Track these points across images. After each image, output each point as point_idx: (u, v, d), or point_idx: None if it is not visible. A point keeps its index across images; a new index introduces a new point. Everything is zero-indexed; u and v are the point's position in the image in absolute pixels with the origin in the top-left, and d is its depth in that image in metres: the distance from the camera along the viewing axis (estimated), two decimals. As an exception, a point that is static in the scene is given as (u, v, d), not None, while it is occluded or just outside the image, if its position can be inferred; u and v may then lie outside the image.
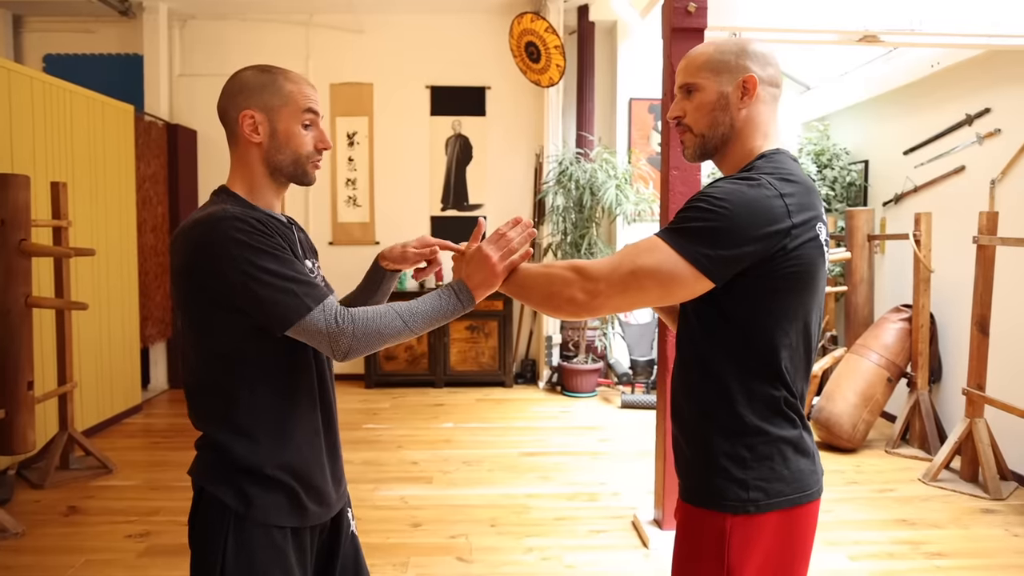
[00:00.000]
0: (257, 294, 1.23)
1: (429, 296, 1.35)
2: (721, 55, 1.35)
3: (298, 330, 1.26)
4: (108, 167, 4.89)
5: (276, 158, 1.36)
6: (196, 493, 1.35)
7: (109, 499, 3.67)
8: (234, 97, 1.35)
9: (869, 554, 3.11)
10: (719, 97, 1.34)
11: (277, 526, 1.33)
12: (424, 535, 3.29)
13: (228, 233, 1.23)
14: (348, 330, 1.26)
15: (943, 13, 3.29)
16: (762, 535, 1.27)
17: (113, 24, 6.28)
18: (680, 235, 1.22)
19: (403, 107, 6.50)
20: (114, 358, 4.95)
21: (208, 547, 1.30)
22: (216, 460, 1.32)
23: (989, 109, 4.25)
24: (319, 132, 1.39)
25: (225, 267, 1.23)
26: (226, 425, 1.31)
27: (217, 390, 1.32)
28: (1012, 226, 3.95)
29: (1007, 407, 3.65)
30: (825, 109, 6.03)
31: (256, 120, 1.33)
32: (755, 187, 1.23)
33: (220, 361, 1.31)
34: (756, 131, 1.36)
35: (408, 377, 6.23)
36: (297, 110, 1.35)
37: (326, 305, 1.27)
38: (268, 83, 1.34)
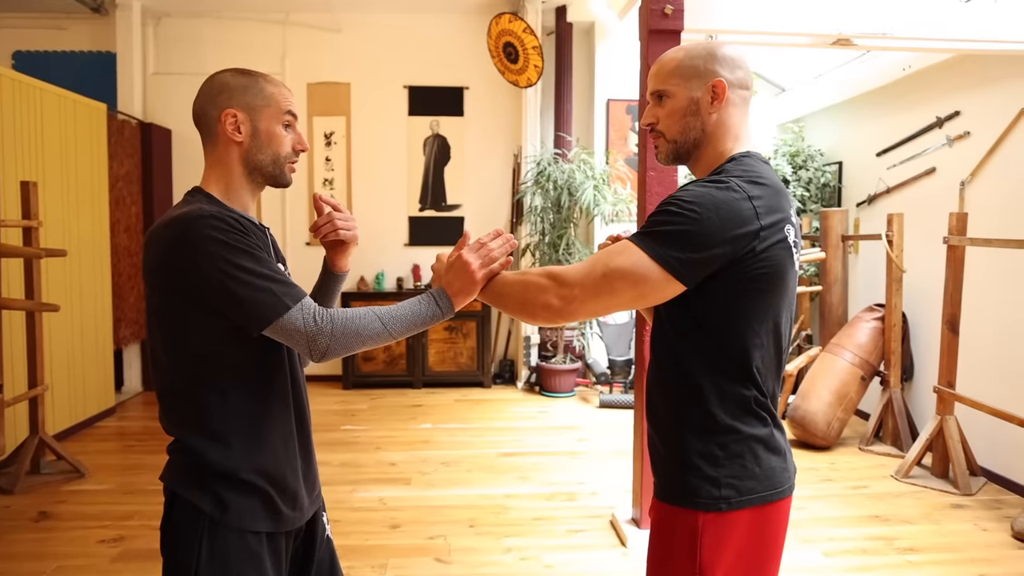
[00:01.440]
0: (235, 293, 1.23)
1: (409, 301, 1.36)
2: (690, 60, 1.37)
3: (276, 329, 1.25)
4: (80, 166, 4.81)
5: (256, 158, 1.37)
6: (168, 498, 1.33)
7: (81, 504, 3.62)
8: (215, 97, 1.35)
9: (843, 550, 3.16)
10: (689, 103, 1.37)
11: (252, 531, 1.32)
12: (402, 536, 3.28)
13: (205, 232, 1.23)
14: (327, 329, 1.26)
15: (914, 18, 3.35)
16: (734, 532, 1.29)
17: (85, 21, 6.18)
18: (651, 239, 1.25)
19: (381, 107, 6.47)
20: (86, 360, 4.87)
21: (181, 553, 1.29)
22: (189, 464, 1.31)
23: (958, 112, 4.33)
24: (297, 134, 1.41)
25: (202, 266, 1.22)
26: (199, 429, 1.30)
27: (189, 393, 1.30)
28: (981, 227, 4.03)
29: (976, 404, 3.73)
30: (800, 111, 6.10)
31: (239, 119, 1.34)
32: (724, 190, 1.25)
33: (193, 363, 1.30)
34: (727, 134, 1.38)
35: (386, 378, 6.20)
36: (279, 111, 1.37)
37: (304, 304, 1.27)
38: (250, 84, 1.37)
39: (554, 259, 5.80)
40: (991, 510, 3.58)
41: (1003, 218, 3.94)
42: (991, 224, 4.01)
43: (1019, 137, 3.87)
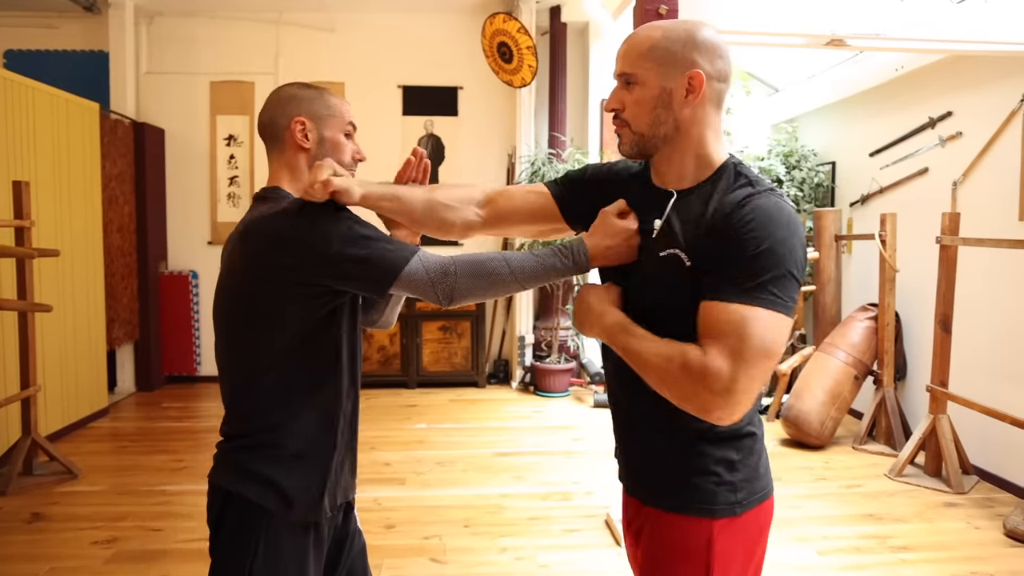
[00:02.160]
0: (358, 259, 1.29)
1: (542, 252, 1.35)
2: (667, 43, 1.22)
3: (402, 282, 1.30)
4: (72, 166, 4.79)
5: None
6: (221, 496, 1.36)
7: (74, 505, 3.60)
8: (284, 106, 1.45)
9: (837, 549, 3.17)
10: (661, 93, 1.23)
11: (305, 524, 1.38)
12: (397, 536, 3.28)
13: (319, 215, 1.31)
14: (451, 269, 1.31)
15: (907, 19, 3.37)
16: (746, 532, 1.29)
17: (77, 20, 6.15)
18: (778, 295, 1.14)
19: (375, 107, 6.46)
20: (79, 361, 4.85)
21: (237, 551, 1.33)
22: (247, 459, 1.35)
23: (951, 112, 4.35)
24: (356, 145, 1.53)
25: (325, 244, 1.29)
26: (261, 423, 1.35)
27: (257, 387, 1.35)
28: (973, 227, 4.05)
29: (969, 403, 3.75)
30: (793, 111, 6.12)
31: (307, 127, 1.44)
32: (788, 207, 1.20)
33: (268, 357, 1.35)
34: (705, 131, 1.26)
35: (380, 378, 6.19)
36: (342, 121, 1.49)
37: (422, 254, 1.33)
38: (317, 96, 1.47)
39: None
40: (983, 508, 3.60)
41: (995, 218, 3.96)
42: (983, 224, 4.03)
43: (1011, 138, 3.89)
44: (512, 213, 1.47)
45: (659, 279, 1.26)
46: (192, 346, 6.31)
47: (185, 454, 4.39)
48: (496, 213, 1.46)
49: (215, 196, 6.39)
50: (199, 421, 5.20)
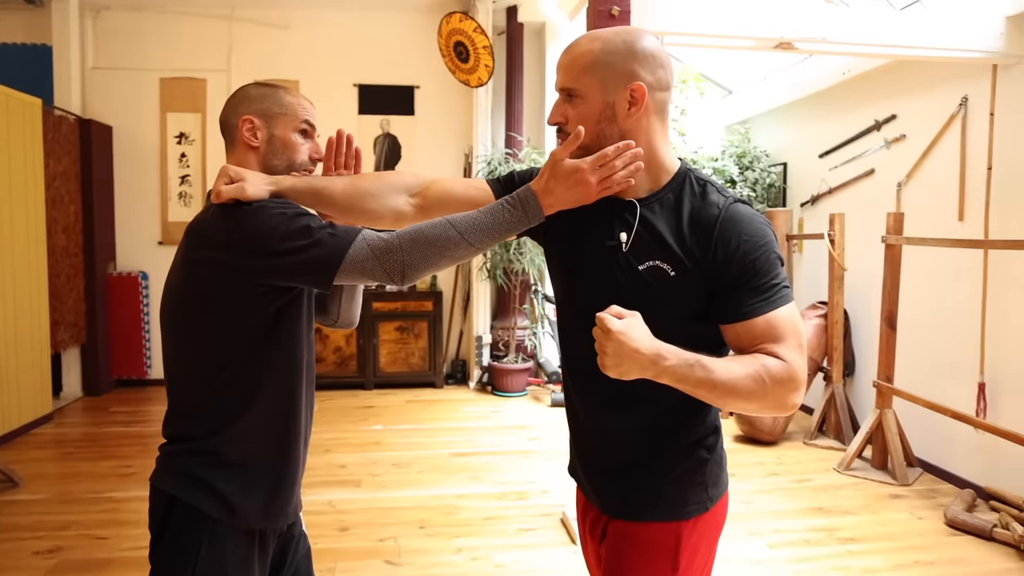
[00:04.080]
0: (298, 249, 1.24)
1: (490, 207, 1.27)
2: (607, 57, 1.22)
3: (347, 268, 1.25)
4: (13, 164, 4.63)
5: (272, 163, 1.43)
6: (163, 500, 1.32)
7: (15, 515, 3.48)
8: (236, 106, 1.43)
9: (787, 542, 3.24)
10: (604, 107, 1.23)
11: (248, 531, 1.34)
12: (352, 539, 3.24)
13: (258, 211, 1.28)
14: (395, 244, 1.25)
15: (852, 24, 3.46)
16: (715, 523, 1.32)
17: (18, 12, 5.94)
18: (786, 288, 1.23)
19: (330, 105, 6.38)
20: (21, 365, 4.69)
21: (179, 558, 1.29)
22: (190, 464, 1.32)
23: (895, 116, 4.47)
24: (315, 144, 1.48)
25: (261, 241, 1.25)
26: (203, 427, 1.32)
27: (199, 390, 1.32)
28: (917, 226, 4.17)
29: (912, 397, 3.86)
30: (746, 112, 6.23)
31: (255, 125, 1.42)
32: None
33: (210, 360, 1.32)
34: (654, 139, 1.26)
35: (336, 379, 6.12)
36: (295, 119, 1.44)
37: (364, 234, 1.28)
38: (269, 94, 1.44)
39: (505, 258, 5.80)
40: (926, 499, 3.71)
41: (937, 218, 4.09)
42: (926, 224, 4.15)
43: (951, 141, 4.02)
44: (448, 203, 1.39)
45: (640, 290, 1.24)
46: (142, 349, 6.16)
47: (134, 459, 4.27)
48: (431, 202, 1.39)
49: (166, 195, 6.24)
50: (149, 425, 5.07)
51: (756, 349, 1.18)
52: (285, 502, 1.41)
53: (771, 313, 1.18)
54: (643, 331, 1.12)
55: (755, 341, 1.19)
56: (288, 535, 1.49)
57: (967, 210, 3.89)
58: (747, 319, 1.19)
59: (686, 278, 1.21)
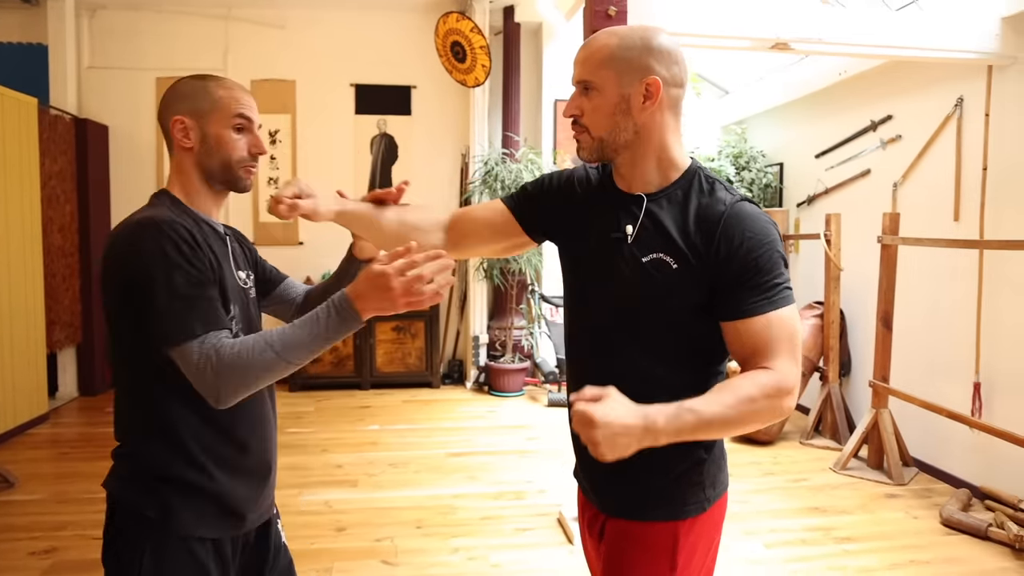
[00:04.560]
0: (151, 305, 1.20)
1: (307, 318, 1.21)
2: (623, 52, 1.24)
3: (177, 355, 1.20)
4: (8, 163, 4.61)
5: (208, 163, 1.35)
6: (110, 505, 1.30)
7: (11, 515, 3.47)
8: (168, 106, 1.36)
9: (784, 541, 3.24)
10: (620, 100, 1.25)
11: (198, 538, 1.29)
12: (348, 539, 3.24)
13: (151, 241, 1.21)
14: (211, 368, 1.17)
15: (848, 25, 3.47)
16: (713, 523, 1.33)
17: (14, 11, 5.93)
18: (786, 289, 1.23)
19: (327, 105, 6.38)
20: (17, 365, 4.68)
21: (123, 563, 1.26)
22: (135, 469, 1.28)
23: (891, 116, 4.49)
24: (253, 137, 1.39)
25: (137, 273, 1.21)
26: (147, 432, 1.28)
27: (139, 395, 1.29)
28: (913, 226, 4.18)
29: (908, 397, 3.87)
30: (743, 113, 6.24)
31: (187, 125, 1.34)
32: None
33: (142, 365, 1.28)
34: (666, 136, 1.28)
35: (333, 379, 6.12)
36: (227, 115, 1.35)
37: (207, 340, 1.19)
38: (199, 90, 1.35)
39: (502, 258, 5.80)
40: (922, 499, 3.72)
41: (933, 218, 4.10)
42: (922, 224, 4.16)
43: (946, 141, 4.03)
44: (474, 232, 1.48)
45: (644, 281, 1.26)
46: (138, 349, 6.14)
47: (129, 460, 4.26)
48: (460, 234, 1.48)
49: (161, 195, 6.22)
50: (145, 426, 5.05)
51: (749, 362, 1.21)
52: (237, 511, 1.34)
53: (771, 313, 1.19)
54: (624, 404, 1.09)
55: (752, 341, 1.20)
56: (262, 547, 1.44)
57: (963, 210, 3.90)
58: (746, 317, 1.20)
59: (689, 272, 1.23)
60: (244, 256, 1.49)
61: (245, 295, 1.42)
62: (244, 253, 1.50)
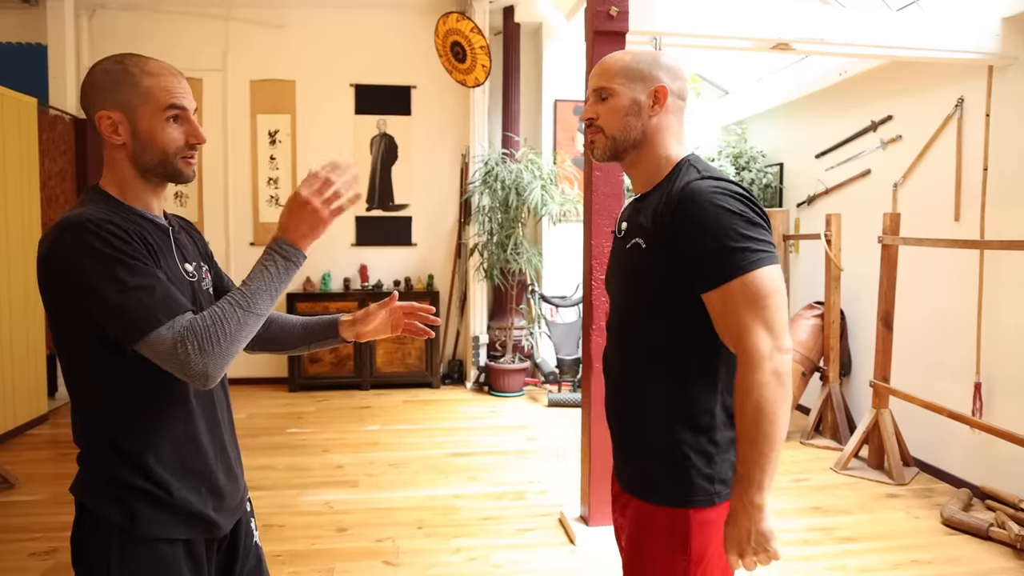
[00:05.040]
0: (104, 305, 1.14)
1: (254, 270, 1.21)
2: (636, 64, 1.42)
3: (146, 348, 1.14)
4: (8, 163, 4.61)
5: (143, 159, 1.26)
6: (77, 511, 1.27)
7: (11, 516, 3.46)
8: (89, 97, 1.24)
9: (785, 541, 3.24)
10: (632, 103, 1.41)
11: (166, 540, 1.26)
12: (350, 540, 3.23)
13: (81, 239, 1.14)
14: (194, 349, 1.13)
15: (849, 25, 3.47)
16: (719, 524, 1.33)
17: (13, 11, 5.92)
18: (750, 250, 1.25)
19: (327, 105, 6.38)
20: (16, 366, 4.67)
21: (91, 568, 1.23)
22: (96, 475, 1.25)
23: (891, 116, 4.49)
24: (191, 125, 1.27)
25: (71, 278, 1.14)
26: (101, 438, 1.24)
27: (90, 402, 1.24)
28: (913, 227, 4.18)
29: (908, 397, 3.87)
30: (743, 113, 6.24)
31: (114, 120, 1.23)
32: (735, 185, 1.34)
33: (88, 373, 1.24)
34: (668, 138, 1.43)
35: (333, 380, 6.11)
36: (158, 107, 1.24)
37: (176, 323, 1.14)
38: (122, 79, 1.22)
39: (502, 258, 5.80)
40: (923, 499, 3.72)
41: (933, 218, 4.10)
42: (922, 224, 4.17)
43: (947, 141, 4.03)
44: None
45: (627, 267, 1.44)
46: (137, 349, 6.13)
47: (129, 460, 4.25)
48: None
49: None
50: (145, 426, 5.05)
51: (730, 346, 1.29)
52: (202, 514, 1.30)
53: (727, 284, 1.25)
54: (730, 522, 1.28)
55: (719, 320, 1.28)
56: (231, 545, 1.41)
57: (963, 211, 3.91)
58: (707, 291, 1.28)
59: (656, 248, 1.35)
60: (195, 248, 1.42)
61: (193, 287, 1.33)
62: (194, 244, 1.43)
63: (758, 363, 1.22)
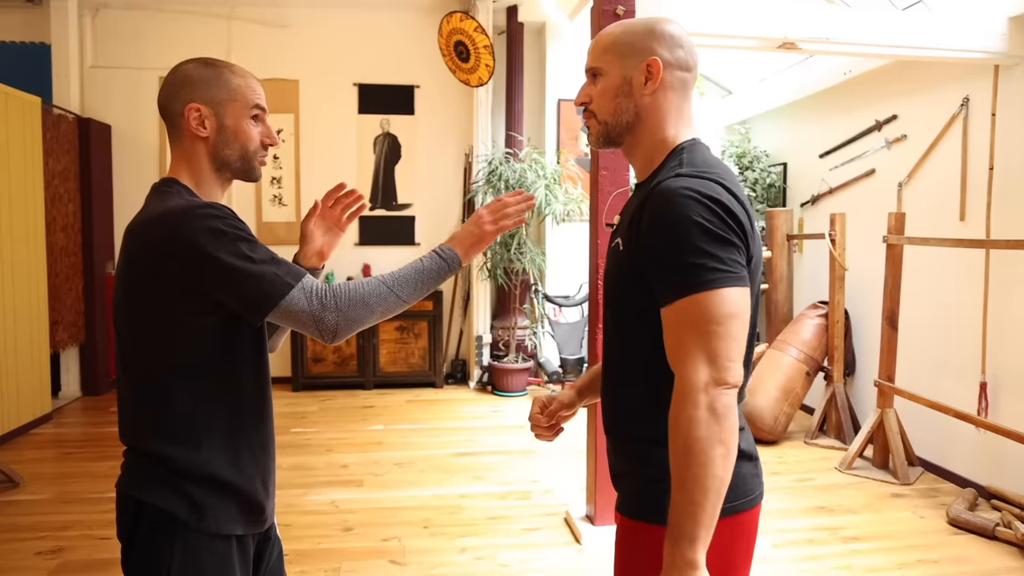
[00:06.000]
0: (235, 279, 1.20)
1: (412, 263, 1.35)
2: (627, 36, 1.26)
3: (280, 312, 1.22)
4: (12, 162, 4.61)
5: (224, 153, 1.34)
6: (133, 507, 1.26)
7: (16, 515, 3.46)
8: (178, 91, 1.32)
9: (791, 541, 3.24)
10: (623, 82, 1.26)
11: (225, 535, 1.28)
12: (356, 539, 3.23)
13: (201, 223, 1.20)
14: (331, 306, 1.23)
15: (854, 24, 3.47)
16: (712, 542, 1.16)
17: (17, 11, 5.92)
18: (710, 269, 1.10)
19: (330, 105, 6.38)
20: (20, 365, 4.67)
21: (151, 564, 1.24)
22: (160, 470, 1.26)
23: (896, 116, 4.48)
24: (266, 127, 1.38)
25: (200, 257, 1.19)
26: (172, 431, 1.25)
27: (164, 395, 1.26)
28: (918, 226, 4.18)
29: (913, 397, 3.87)
30: (746, 113, 6.23)
31: (203, 114, 1.31)
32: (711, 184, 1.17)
33: (170, 364, 1.25)
34: (664, 119, 1.26)
35: (336, 379, 6.11)
36: (245, 105, 1.34)
37: (305, 284, 1.23)
38: (214, 77, 1.32)
39: (505, 258, 5.80)
40: (928, 498, 3.72)
41: (938, 218, 4.10)
42: (927, 224, 4.16)
43: (952, 141, 4.03)
44: None
45: (610, 265, 1.31)
46: (141, 348, 6.13)
47: (134, 459, 4.26)
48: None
49: (164, 194, 6.22)
50: (148, 425, 5.05)
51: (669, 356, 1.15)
52: (260, 506, 1.35)
53: (676, 302, 1.11)
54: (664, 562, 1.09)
55: (666, 338, 1.14)
56: (264, 537, 1.44)
57: (968, 210, 3.90)
58: (664, 306, 1.14)
59: (627, 252, 1.23)
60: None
61: None
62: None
63: (689, 395, 1.07)
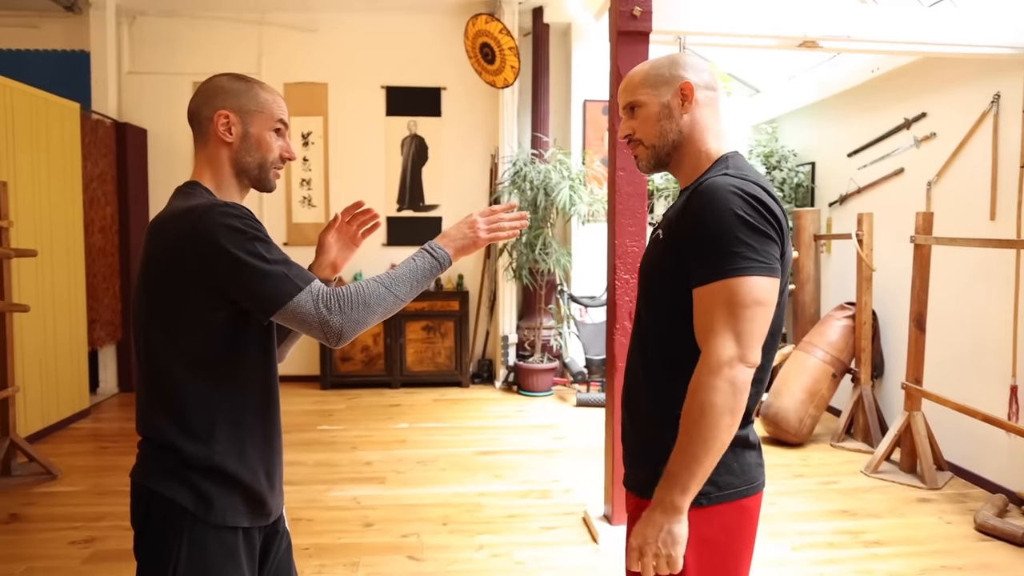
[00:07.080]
0: (247, 278, 1.26)
1: (404, 263, 1.42)
2: (656, 70, 1.44)
3: (286, 314, 1.28)
4: (52, 166, 4.77)
5: (245, 159, 1.42)
6: (145, 496, 1.32)
7: (52, 505, 3.59)
8: (210, 98, 1.41)
9: (811, 544, 3.21)
10: (662, 108, 1.42)
11: (232, 527, 1.33)
12: (376, 535, 3.29)
13: (218, 220, 1.26)
14: (336, 309, 1.29)
15: (877, 21, 3.42)
16: (709, 527, 1.31)
17: (58, 19, 6.13)
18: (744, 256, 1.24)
19: (358, 107, 6.47)
20: (60, 361, 4.83)
21: (160, 553, 1.29)
22: (170, 460, 1.31)
23: (925, 114, 4.41)
24: (286, 143, 1.47)
25: (216, 254, 1.25)
26: (182, 424, 1.31)
27: (174, 388, 1.31)
28: (947, 226, 4.10)
29: (942, 400, 3.80)
30: (774, 112, 6.17)
31: (230, 120, 1.40)
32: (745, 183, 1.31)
33: (182, 357, 1.31)
34: (705, 133, 1.43)
35: (364, 378, 6.20)
36: (270, 118, 1.43)
37: (313, 288, 1.30)
38: (245, 89, 1.42)
39: (530, 259, 5.83)
40: (956, 503, 3.65)
41: (968, 217, 4.02)
42: (957, 223, 4.08)
43: (982, 138, 3.95)
44: None
45: (649, 255, 1.46)
46: (175, 347, 6.28)
47: (166, 454, 4.37)
48: None
49: (198, 196, 6.37)
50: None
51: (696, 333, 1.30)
52: (263, 500, 1.39)
53: (712, 284, 1.25)
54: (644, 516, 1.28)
55: (696, 317, 1.29)
56: (272, 530, 1.48)
57: (999, 209, 3.82)
58: (697, 286, 1.28)
59: (667, 240, 1.38)
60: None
61: None
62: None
63: (716, 367, 1.21)
